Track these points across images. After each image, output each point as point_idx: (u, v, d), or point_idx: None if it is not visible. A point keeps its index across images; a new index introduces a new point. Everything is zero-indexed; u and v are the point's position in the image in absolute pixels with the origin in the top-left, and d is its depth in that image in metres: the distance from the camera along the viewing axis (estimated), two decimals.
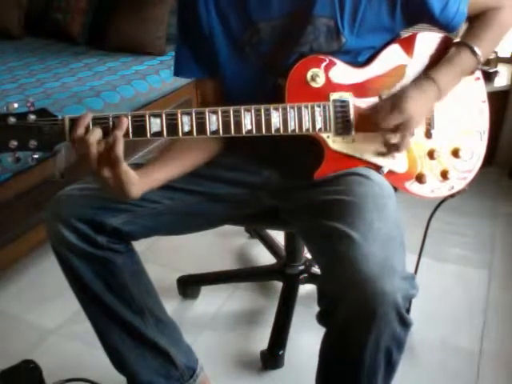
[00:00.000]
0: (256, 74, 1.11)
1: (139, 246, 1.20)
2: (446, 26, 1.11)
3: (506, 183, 2.40)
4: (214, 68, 1.14)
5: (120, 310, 1.17)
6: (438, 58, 1.12)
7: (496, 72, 2.36)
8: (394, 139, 1.04)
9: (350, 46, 1.07)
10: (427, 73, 1.09)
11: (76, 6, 2.68)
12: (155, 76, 2.29)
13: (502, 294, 1.75)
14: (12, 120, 0.91)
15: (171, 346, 1.25)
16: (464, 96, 1.18)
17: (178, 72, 1.20)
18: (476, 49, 1.10)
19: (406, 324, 0.92)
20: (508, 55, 2.51)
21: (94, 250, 1.09)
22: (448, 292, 1.77)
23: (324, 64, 1.06)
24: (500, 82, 2.36)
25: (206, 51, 1.13)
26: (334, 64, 1.07)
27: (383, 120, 1.03)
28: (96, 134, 0.92)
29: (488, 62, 2.30)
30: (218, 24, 1.10)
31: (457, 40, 1.14)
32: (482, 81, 1.21)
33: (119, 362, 1.23)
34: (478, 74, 1.19)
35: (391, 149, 1.07)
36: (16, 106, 0.92)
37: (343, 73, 1.08)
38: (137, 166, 1.03)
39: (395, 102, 1.04)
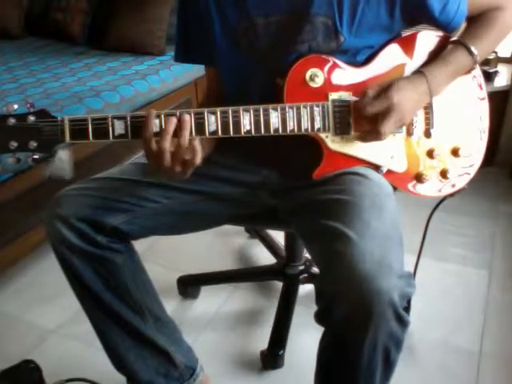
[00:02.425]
0: (252, 71, 1.11)
1: (139, 245, 1.21)
2: (446, 26, 1.11)
3: (506, 183, 2.39)
4: (211, 57, 1.15)
5: (120, 310, 1.17)
6: (437, 57, 1.12)
7: (496, 72, 2.36)
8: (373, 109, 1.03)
9: (349, 45, 1.06)
10: (420, 69, 1.09)
11: (76, 6, 2.68)
12: (155, 76, 2.29)
13: (501, 294, 1.75)
14: (12, 121, 0.92)
15: (171, 345, 1.25)
16: (463, 94, 1.18)
17: (177, 58, 1.22)
18: (473, 48, 1.09)
19: (403, 322, 0.91)
20: (508, 55, 2.50)
21: (93, 249, 1.10)
22: (448, 292, 1.77)
23: (323, 64, 1.06)
24: (500, 81, 2.36)
25: (203, 38, 1.14)
26: (333, 64, 1.07)
27: (368, 104, 1.02)
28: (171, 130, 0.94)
29: (488, 62, 2.30)
30: (215, 12, 1.10)
31: (454, 38, 1.13)
32: (481, 78, 1.20)
33: (119, 361, 1.23)
34: (477, 71, 1.19)
35: (371, 133, 1.05)
36: (16, 107, 0.93)
37: (342, 73, 1.08)
38: None
39: (383, 89, 1.04)
